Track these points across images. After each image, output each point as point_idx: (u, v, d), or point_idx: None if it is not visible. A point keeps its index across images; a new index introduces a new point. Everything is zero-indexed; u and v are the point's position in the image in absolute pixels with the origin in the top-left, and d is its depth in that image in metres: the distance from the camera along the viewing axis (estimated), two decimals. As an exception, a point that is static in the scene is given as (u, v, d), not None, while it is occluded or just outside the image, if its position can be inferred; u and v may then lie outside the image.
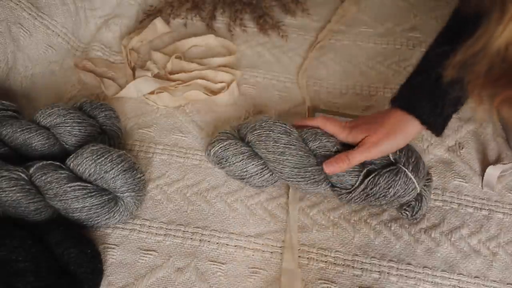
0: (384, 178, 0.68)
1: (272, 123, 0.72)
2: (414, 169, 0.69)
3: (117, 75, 0.92)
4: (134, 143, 0.81)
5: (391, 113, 0.69)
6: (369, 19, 1.03)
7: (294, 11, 1.04)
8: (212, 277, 0.67)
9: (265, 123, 0.72)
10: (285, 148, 0.70)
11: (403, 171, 0.68)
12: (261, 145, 0.71)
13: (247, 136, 0.73)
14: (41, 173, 0.67)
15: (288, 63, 0.95)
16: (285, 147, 0.70)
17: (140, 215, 0.73)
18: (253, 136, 0.72)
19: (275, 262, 0.69)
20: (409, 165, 0.69)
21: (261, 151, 0.71)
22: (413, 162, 0.69)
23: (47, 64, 0.90)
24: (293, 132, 0.72)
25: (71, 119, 0.74)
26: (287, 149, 0.70)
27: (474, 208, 0.75)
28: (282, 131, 0.71)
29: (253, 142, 0.72)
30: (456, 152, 0.81)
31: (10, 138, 0.72)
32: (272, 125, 0.72)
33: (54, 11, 0.89)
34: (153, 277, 0.67)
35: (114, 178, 0.67)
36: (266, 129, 0.71)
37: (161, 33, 0.99)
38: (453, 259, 0.70)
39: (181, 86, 0.88)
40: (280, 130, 0.71)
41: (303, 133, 0.73)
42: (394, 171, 0.69)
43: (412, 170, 0.68)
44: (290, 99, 0.89)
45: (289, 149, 0.70)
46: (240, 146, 0.73)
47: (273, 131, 0.71)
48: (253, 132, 0.72)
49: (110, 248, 0.69)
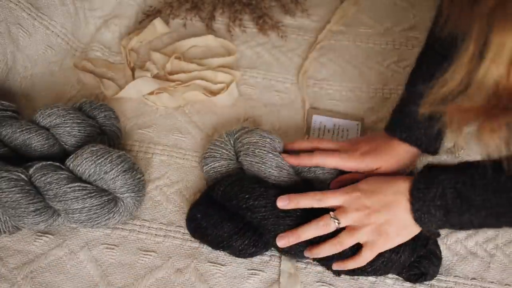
0: None
1: (265, 153, 0.70)
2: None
3: (117, 75, 0.92)
4: (134, 143, 0.81)
5: (394, 144, 0.71)
6: (368, 19, 1.03)
7: (293, 11, 1.04)
8: (212, 278, 0.67)
9: (258, 151, 0.70)
10: (275, 183, 0.70)
11: None
12: (253, 173, 0.71)
13: (240, 156, 0.72)
14: (40, 173, 0.67)
15: (287, 64, 0.95)
16: (275, 182, 0.70)
17: (140, 215, 0.73)
18: (246, 161, 0.71)
19: (274, 264, 0.69)
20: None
21: (256, 172, 0.71)
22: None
23: (47, 65, 0.90)
24: (285, 166, 0.71)
25: (71, 119, 0.74)
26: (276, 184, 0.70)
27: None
28: (274, 165, 0.70)
29: (245, 167, 0.72)
30: (455, 154, 0.81)
31: (9, 139, 0.72)
32: (265, 155, 0.70)
33: (53, 12, 0.89)
34: (152, 278, 0.67)
35: (113, 178, 0.67)
36: (258, 160, 0.70)
37: (160, 33, 0.99)
38: (449, 262, 0.69)
39: (180, 86, 0.88)
40: (272, 164, 0.70)
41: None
42: None
43: None
44: (290, 99, 0.89)
45: (279, 184, 0.70)
46: (232, 169, 0.73)
47: (264, 164, 0.70)
48: (246, 157, 0.71)
49: (109, 248, 0.69)
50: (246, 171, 0.72)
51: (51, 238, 0.70)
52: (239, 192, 0.67)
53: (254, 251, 0.67)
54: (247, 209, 0.66)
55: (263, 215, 0.65)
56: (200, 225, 0.67)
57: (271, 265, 0.69)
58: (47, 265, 0.67)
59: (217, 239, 0.66)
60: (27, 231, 0.70)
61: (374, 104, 0.88)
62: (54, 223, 0.68)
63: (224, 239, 0.66)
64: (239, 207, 0.66)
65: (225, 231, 0.66)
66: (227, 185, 0.68)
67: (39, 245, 0.69)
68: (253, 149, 0.71)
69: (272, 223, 0.65)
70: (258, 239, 0.66)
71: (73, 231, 0.71)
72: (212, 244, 0.68)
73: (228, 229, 0.66)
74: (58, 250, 0.69)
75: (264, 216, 0.65)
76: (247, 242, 0.66)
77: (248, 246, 0.66)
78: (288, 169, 0.71)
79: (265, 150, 0.70)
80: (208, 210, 0.68)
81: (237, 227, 0.66)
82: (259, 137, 0.72)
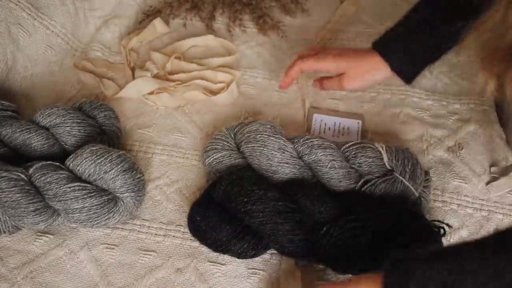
0: (380, 188, 0.68)
1: (267, 137, 0.71)
2: (411, 176, 0.69)
3: (117, 75, 0.92)
4: (134, 143, 0.81)
5: (369, 55, 0.76)
6: (369, 19, 1.03)
7: (293, 11, 1.04)
8: (212, 278, 0.67)
9: (260, 136, 0.71)
10: (278, 166, 0.70)
11: (399, 181, 0.68)
12: (255, 160, 0.71)
13: (242, 145, 0.72)
14: (40, 173, 0.67)
15: (287, 64, 0.94)
16: (278, 165, 0.70)
17: (140, 215, 0.73)
18: (247, 149, 0.71)
19: (274, 263, 0.69)
20: (406, 174, 0.69)
21: (255, 166, 0.72)
22: (410, 169, 0.69)
23: (47, 65, 0.90)
24: (287, 148, 0.71)
25: (71, 119, 0.74)
26: (279, 167, 0.70)
27: (473, 209, 0.75)
28: (276, 147, 0.70)
29: (247, 155, 0.72)
30: (456, 153, 0.81)
31: (9, 139, 0.72)
32: (267, 139, 0.71)
33: (53, 12, 0.89)
34: (152, 277, 0.67)
35: (113, 178, 0.67)
36: (260, 144, 0.70)
37: (160, 33, 0.99)
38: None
39: (180, 86, 0.88)
40: (274, 146, 0.70)
41: (298, 145, 0.72)
42: (390, 180, 0.69)
43: (409, 178, 0.68)
44: (290, 99, 0.89)
45: (282, 167, 0.70)
46: (234, 159, 0.73)
47: (266, 147, 0.70)
48: (247, 144, 0.71)
49: (109, 248, 0.69)
50: (248, 160, 0.72)
51: (51, 238, 0.70)
52: (238, 195, 0.66)
53: (254, 254, 0.67)
54: (245, 213, 0.65)
55: (261, 220, 0.64)
56: (199, 228, 0.67)
57: (271, 264, 0.69)
58: (47, 265, 0.67)
59: (216, 243, 0.66)
60: (27, 231, 0.70)
61: (375, 104, 0.88)
62: (54, 223, 0.68)
63: (223, 243, 0.66)
64: (238, 210, 0.66)
65: (224, 235, 0.65)
66: (228, 184, 0.67)
67: (39, 245, 0.69)
68: (254, 135, 0.71)
69: (271, 228, 0.64)
70: (257, 242, 0.66)
71: (73, 231, 0.71)
72: (211, 247, 0.67)
73: (227, 233, 0.65)
74: (58, 250, 0.69)
75: (262, 222, 0.64)
76: (246, 246, 0.66)
77: (247, 249, 0.66)
78: (291, 151, 0.71)
79: (266, 134, 0.71)
80: (208, 212, 0.67)
81: (236, 231, 0.66)
82: (259, 125, 0.73)
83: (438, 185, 0.77)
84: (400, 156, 0.70)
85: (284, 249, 0.66)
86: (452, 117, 0.86)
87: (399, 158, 0.70)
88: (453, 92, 0.90)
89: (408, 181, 0.68)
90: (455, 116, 0.86)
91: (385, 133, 0.84)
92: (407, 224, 0.64)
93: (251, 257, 0.67)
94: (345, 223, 0.64)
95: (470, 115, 0.86)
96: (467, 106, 0.87)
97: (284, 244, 0.65)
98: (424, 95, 0.89)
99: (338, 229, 0.64)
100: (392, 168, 0.70)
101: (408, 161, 0.70)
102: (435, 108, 0.87)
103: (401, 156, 0.70)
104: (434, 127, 0.84)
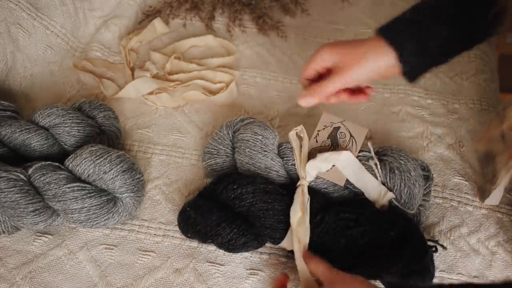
0: None
1: (255, 153, 0.70)
2: (408, 200, 0.68)
3: (116, 75, 0.92)
4: (133, 143, 0.81)
5: (370, 39, 0.63)
6: (369, 19, 1.03)
7: (293, 11, 1.04)
8: (211, 278, 0.67)
9: (249, 150, 0.70)
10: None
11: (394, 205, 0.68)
12: (245, 171, 0.71)
13: (235, 152, 0.73)
14: (40, 173, 0.67)
15: (287, 64, 0.95)
16: (266, 169, 0.71)
17: (139, 215, 0.73)
18: (238, 159, 0.72)
19: (272, 263, 0.69)
20: (401, 198, 0.68)
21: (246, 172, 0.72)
22: (406, 193, 0.68)
23: (46, 65, 0.90)
24: (274, 166, 0.71)
25: (70, 119, 0.74)
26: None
27: (473, 206, 0.74)
28: (263, 166, 0.70)
29: (238, 165, 0.73)
30: (456, 150, 0.80)
31: (9, 139, 0.72)
32: (255, 155, 0.70)
33: (53, 12, 0.89)
34: (151, 278, 0.67)
35: (113, 178, 0.67)
36: (248, 160, 0.71)
37: (160, 33, 0.99)
38: (453, 258, 0.69)
39: (180, 86, 0.88)
40: (260, 165, 0.70)
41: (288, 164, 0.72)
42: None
43: (405, 202, 0.68)
44: (289, 99, 0.89)
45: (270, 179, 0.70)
46: (228, 166, 0.73)
47: (254, 165, 0.71)
48: (238, 156, 0.72)
49: (108, 248, 0.69)
50: (239, 169, 0.73)
51: (50, 238, 0.70)
52: (228, 184, 0.67)
53: (244, 242, 0.66)
54: (235, 198, 0.66)
55: (251, 201, 0.65)
56: (189, 216, 0.67)
57: (270, 264, 0.69)
58: (46, 265, 0.67)
59: (205, 228, 0.66)
60: (26, 231, 0.70)
61: (375, 104, 0.88)
62: (53, 223, 0.68)
63: (213, 228, 0.65)
64: (228, 198, 0.66)
65: (213, 220, 0.65)
66: (217, 179, 0.69)
67: (38, 245, 0.69)
68: (244, 148, 0.71)
69: (260, 208, 0.65)
70: (247, 228, 0.66)
71: (72, 231, 0.71)
72: (200, 234, 0.67)
73: (216, 218, 0.66)
74: (57, 250, 0.69)
75: (252, 202, 0.65)
76: (236, 231, 0.65)
77: (237, 235, 0.65)
78: (277, 169, 0.71)
79: (255, 150, 0.70)
80: (198, 202, 0.68)
81: (226, 216, 0.66)
82: (252, 134, 0.72)
83: (439, 181, 0.77)
84: (397, 181, 0.68)
85: (275, 233, 0.66)
86: (452, 116, 0.86)
87: (395, 182, 0.68)
88: (452, 92, 0.89)
89: (404, 204, 0.68)
90: (455, 115, 0.86)
91: (385, 131, 0.83)
92: (400, 228, 0.64)
93: (242, 247, 0.66)
94: (339, 213, 0.65)
95: (470, 114, 0.86)
96: (467, 106, 0.87)
97: (274, 227, 0.65)
98: (424, 94, 0.89)
99: (333, 217, 0.65)
100: (389, 188, 0.69)
101: (405, 184, 0.68)
102: (434, 107, 0.87)
103: (397, 181, 0.68)
104: (434, 125, 0.84)
